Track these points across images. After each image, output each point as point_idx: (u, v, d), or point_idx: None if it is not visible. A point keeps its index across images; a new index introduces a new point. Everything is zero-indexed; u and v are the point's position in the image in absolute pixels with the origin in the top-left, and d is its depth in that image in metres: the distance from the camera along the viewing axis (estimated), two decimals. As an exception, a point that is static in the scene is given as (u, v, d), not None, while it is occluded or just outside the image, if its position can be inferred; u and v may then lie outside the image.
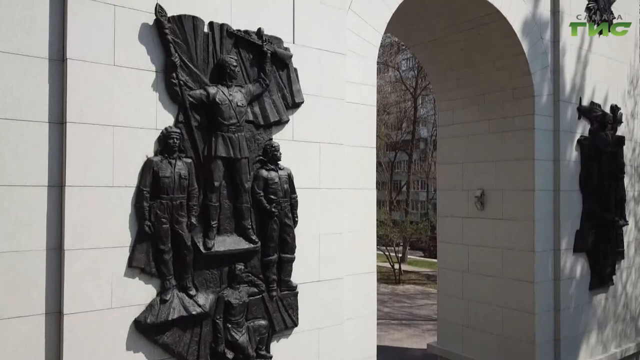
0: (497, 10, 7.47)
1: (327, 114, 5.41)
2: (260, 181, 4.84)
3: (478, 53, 8.39)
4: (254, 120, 4.85)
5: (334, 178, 5.46)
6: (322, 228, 5.34)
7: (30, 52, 3.84)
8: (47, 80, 3.90)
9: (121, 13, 4.12)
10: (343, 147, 5.56)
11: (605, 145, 8.81)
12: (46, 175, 3.88)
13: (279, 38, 5.01)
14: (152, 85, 4.28)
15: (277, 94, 5.01)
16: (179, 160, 4.34)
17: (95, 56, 4.01)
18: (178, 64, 4.31)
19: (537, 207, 8.03)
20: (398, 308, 16.72)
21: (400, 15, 6.29)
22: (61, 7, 3.94)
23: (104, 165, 4.03)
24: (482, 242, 8.79)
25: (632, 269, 9.74)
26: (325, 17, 5.38)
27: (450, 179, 9.40)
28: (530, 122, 8.07)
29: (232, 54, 4.70)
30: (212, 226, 4.50)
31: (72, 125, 3.90)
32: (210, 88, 4.52)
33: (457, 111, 9.24)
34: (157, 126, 4.30)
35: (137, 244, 4.15)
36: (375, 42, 5.97)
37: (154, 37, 4.28)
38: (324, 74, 5.38)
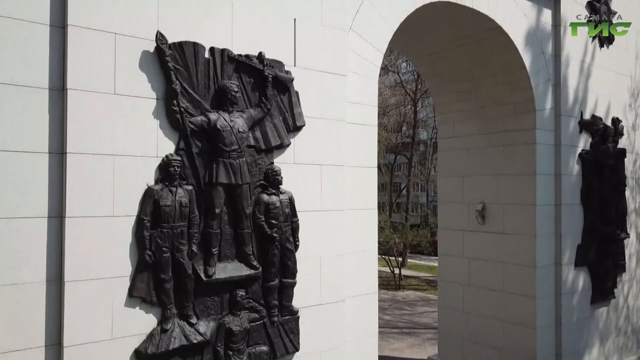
0: (499, 26, 7.45)
1: (329, 136, 5.38)
2: (262, 206, 4.81)
3: (479, 67, 8.37)
4: (256, 144, 4.82)
5: (335, 200, 5.43)
6: (323, 251, 5.32)
7: (30, 83, 3.82)
8: (47, 110, 3.87)
9: (122, 41, 4.10)
10: (344, 169, 5.53)
11: (607, 158, 8.79)
12: (46, 207, 3.85)
13: (280, 61, 4.98)
14: (153, 113, 4.26)
15: (279, 117, 4.98)
16: (180, 187, 4.31)
17: (96, 85, 3.98)
18: (179, 91, 4.28)
19: (538, 222, 8.01)
20: (398, 316, 16.67)
21: (401, 30, 6.25)
22: (61, 37, 3.91)
23: (104, 195, 4.00)
24: (483, 256, 8.77)
25: (633, 281, 9.72)
26: (326, 38, 5.35)
27: (451, 191, 9.38)
28: (532, 136, 8.05)
29: (233, 79, 4.67)
30: (212, 253, 4.47)
31: (72, 155, 3.87)
32: (211, 114, 4.49)
33: (458, 124, 9.22)
34: (157, 154, 4.28)
35: (138, 273, 4.13)
36: (376, 62, 5.95)
37: (155, 64, 4.26)
38: (325, 95, 5.35)
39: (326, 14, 5.35)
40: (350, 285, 5.62)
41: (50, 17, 3.88)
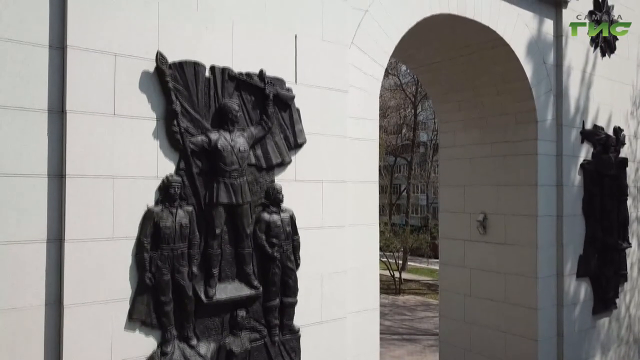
0: (500, 37, 7.41)
1: (330, 152, 5.35)
2: (262, 224, 4.78)
3: (480, 77, 8.34)
4: (256, 163, 4.79)
5: (336, 216, 5.40)
6: (325, 268, 5.29)
7: (29, 105, 3.78)
8: (46, 132, 3.83)
9: (121, 61, 4.06)
10: (346, 184, 5.50)
11: (608, 168, 8.76)
12: (45, 230, 3.82)
13: (281, 79, 4.94)
14: (153, 134, 4.22)
15: (280, 135, 4.95)
16: (180, 208, 4.27)
17: (96, 107, 3.94)
18: (179, 111, 4.25)
19: (540, 233, 7.98)
20: (399, 321, 16.66)
21: (402, 39, 6.22)
22: (60, 58, 3.87)
23: (104, 218, 3.97)
24: (485, 266, 8.74)
25: (635, 290, 9.69)
26: (327, 54, 5.32)
27: (452, 200, 9.34)
28: (533, 147, 8.02)
29: (234, 98, 4.63)
30: (213, 274, 4.44)
31: (71, 178, 3.84)
32: (212, 134, 4.45)
33: (459, 133, 9.19)
34: (158, 175, 4.24)
35: (138, 295, 4.09)
36: (378, 76, 5.91)
37: (155, 84, 4.22)
38: (326, 111, 5.32)
39: (327, 30, 5.32)
40: (351, 302, 5.58)
41: (49, 38, 3.85)
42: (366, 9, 5.81)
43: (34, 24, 3.79)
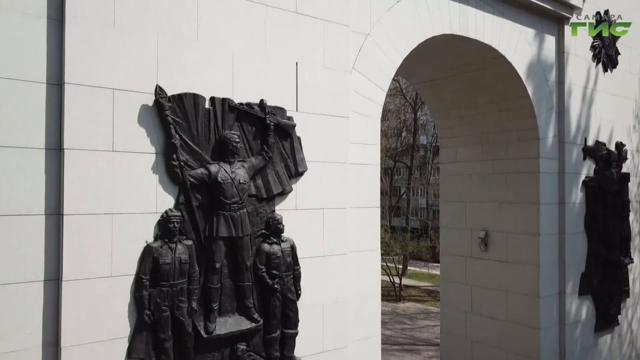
0: (502, 55, 7.36)
1: (331, 179, 5.29)
2: (263, 256, 4.72)
3: (481, 94, 8.29)
4: (257, 193, 4.73)
5: (338, 244, 5.34)
6: (326, 297, 5.23)
7: (26, 144, 3.72)
8: (43, 171, 3.77)
9: (120, 96, 4.00)
10: (347, 211, 5.44)
11: (610, 184, 8.71)
12: (42, 270, 3.76)
13: (282, 108, 4.89)
14: (152, 168, 4.16)
15: (281, 164, 4.89)
16: (180, 243, 4.21)
17: (94, 143, 3.88)
18: (178, 145, 4.19)
19: (542, 251, 7.93)
20: (399, 330, 16.59)
21: (404, 59, 6.17)
22: (58, 95, 3.81)
23: (102, 256, 3.91)
24: (486, 284, 8.68)
25: (637, 306, 9.65)
26: (328, 80, 5.26)
27: (453, 216, 9.29)
28: (535, 165, 7.97)
29: (234, 128, 4.58)
30: (213, 309, 4.38)
31: (69, 217, 3.78)
32: (212, 166, 4.39)
33: (460, 149, 9.13)
34: (157, 209, 4.18)
35: (137, 333, 4.03)
36: (379, 101, 5.86)
37: (154, 117, 4.16)
38: (328, 138, 5.26)
39: (328, 56, 5.26)
40: (352, 329, 5.53)
41: (46, 75, 3.79)
42: (367, 33, 5.75)
43: (32, 61, 3.74)
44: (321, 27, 5.20)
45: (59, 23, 3.83)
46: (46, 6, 3.79)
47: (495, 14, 7.20)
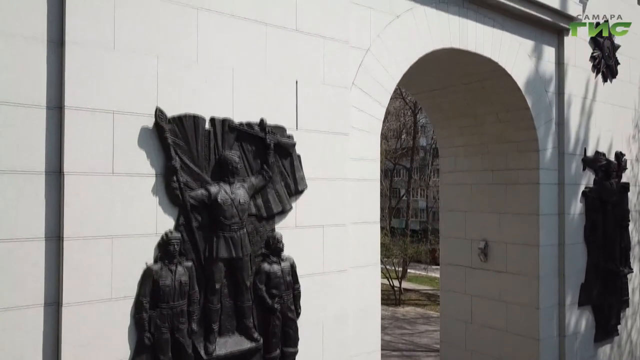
0: (502, 68, 7.36)
1: (331, 196, 5.29)
2: (263, 276, 4.72)
3: (481, 105, 8.30)
4: (257, 213, 4.73)
5: (338, 261, 5.34)
6: (326, 314, 5.23)
7: (26, 168, 3.71)
8: (43, 195, 3.77)
9: (120, 119, 4.00)
10: (347, 227, 5.44)
11: (610, 195, 8.72)
12: (42, 295, 3.75)
13: (282, 127, 4.88)
14: (152, 190, 4.16)
15: (280, 183, 4.89)
16: (180, 265, 4.21)
17: (94, 167, 3.88)
18: (178, 167, 4.19)
19: (542, 263, 7.94)
20: (398, 336, 16.60)
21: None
22: (58, 118, 3.81)
23: (102, 279, 3.91)
24: (486, 294, 8.68)
25: (636, 315, 9.65)
26: (328, 98, 5.26)
27: (453, 226, 9.29)
28: (535, 176, 7.97)
29: (234, 148, 4.58)
30: (213, 329, 4.38)
31: (69, 241, 3.77)
32: (212, 187, 4.39)
33: (460, 158, 9.14)
34: (157, 231, 4.18)
35: (136, 356, 4.03)
36: (379, 116, 5.86)
37: (154, 139, 4.16)
38: (328, 156, 5.26)
39: (328, 73, 5.26)
40: (352, 344, 5.53)
41: (46, 99, 3.79)
42: (367, 48, 5.75)
43: (31, 85, 3.73)
44: (321, 44, 5.21)
45: (59, 46, 3.83)
46: (46, 30, 3.78)
47: (495, 26, 7.20)
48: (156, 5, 4.18)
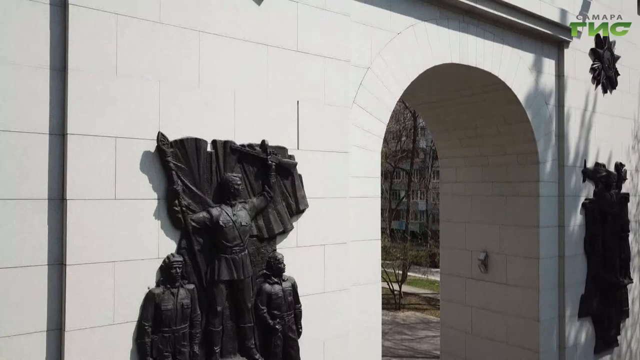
0: (502, 81, 7.38)
1: (332, 215, 5.31)
2: (264, 296, 4.74)
3: (481, 117, 8.32)
4: (258, 234, 4.75)
5: (339, 279, 5.36)
6: (326, 333, 5.25)
7: (29, 195, 3.73)
8: (46, 221, 3.79)
9: (122, 144, 4.02)
10: (348, 245, 5.46)
11: (610, 206, 8.74)
12: (45, 320, 3.77)
13: (284, 147, 4.90)
14: (154, 214, 4.18)
15: (282, 203, 4.91)
16: (182, 288, 4.23)
17: (96, 193, 3.90)
18: (180, 191, 4.21)
19: (542, 275, 7.96)
20: (399, 341, 16.62)
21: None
22: (61, 146, 3.83)
23: (105, 304, 3.92)
24: (486, 305, 8.70)
25: (636, 325, 9.67)
26: (329, 117, 5.27)
27: (454, 237, 9.31)
28: (535, 189, 7.99)
29: (236, 170, 4.59)
30: (215, 351, 4.39)
31: (71, 267, 3.79)
32: (214, 210, 4.41)
33: (461, 169, 9.16)
34: (159, 255, 4.20)
35: (139, 380, 4.05)
36: (379, 134, 5.87)
37: (156, 164, 4.18)
38: (328, 174, 5.28)
39: (329, 92, 5.28)
40: (353, 362, 5.55)
41: (49, 126, 3.80)
42: (368, 66, 5.77)
43: (34, 113, 3.75)
44: (322, 64, 5.22)
45: (62, 73, 3.84)
46: (49, 57, 3.80)
47: (496, 40, 7.22)
48: (158, 30, 4.20)
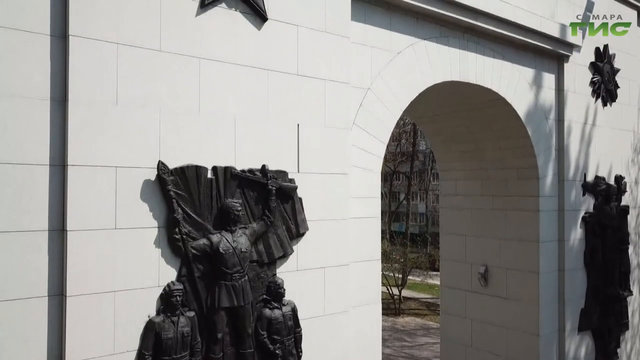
0: (502, 97, 7.39)
1: (332, 237, 5.31)
2: (264, 321, 4.74)
3: (481, 131, 8.32)
4: (258, 259, 4.74)
5: (339, 301, 5.36)
6: (327, 355, 5.24)
7: (29, 227, 3.73)
8: (46, 253, 3.79)
9: (123, 174, 4.02)
10: (348, 267, 5.46)
11: (610, 219, 8.74)
12: (45, 352, 3.77)
13: (284, 171, 4.90)
14: (155, 242, 4.17)
15: (282, 227, 4.91)
16: (182, 316, 4.23)
17: (97, 224, 3.89)
18: (181, 219, 4.21)
19: (542, 290, 7.96)
20: (399, 349, 16.62)
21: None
22: (61, 177, 3.83)
23: (105, 334, 3.92)
24: (486, 319, 8.71)
25: (636, 337, 9.67)
26: (329, 139, 5.27)
27: (454, 249, 9.32)
28: (535, 204, 8.00)
29: (236, 195, 4.59)
30: (215, 379, 4.40)
31: (72, 298, 3.79)
32: (214, 236, 4.41)
33: (460, 182, 9.16)
34: (159, 283, 4.20)
35: (139, 409, 4.05)
36: (379, 154, 5.87)
37: (156, 192, 4.17)
38: (328, 197, 5.28)
39: (329, 115, 5.28)
40: (353, 383, 5.55)
41: (49, 157, 3.80)
42: (368, 87, 5.78)
43: (35, 145, 3.75)
44: (322, 87, 5.22)
45: (62, 104, 3.84)
46: (49, 88, 3.80)
47: (496, 57, 7.22)
48: (159, 58, 4.20)
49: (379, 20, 5.89)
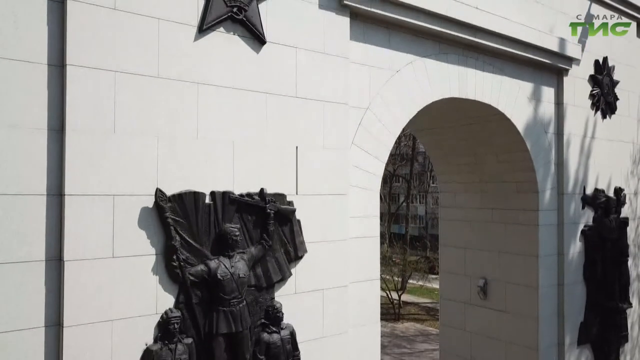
0: (501, 112, 7.37)
1: (331, 259, 5.29)
2: (262, 346, 4.72)
3: (480, 145, 8.31)
4: (256, 283, 4.73)
5: (337, 323, 5.34)
6: (325, 377, 5.23)
7: (27, 257, 3.71)
8: (43, 283, 3.77)
9: (120, 202, 4.00)
10: (347, 288, 5.44)
11: (610, 232, 8.73)
12: (42, 384, 3.76)
13: (282, 194, 4.89)
14: (152, 269, 4.16)
15: (280, 250, 4.89)
16: (180, 343, 4.21)
17: (94, 253, 3.88)
18: (179, 246, 4.19)
19: (541, 304, 7.94)
20: (398, 356, 16.61)
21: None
22: (58, 207, 3.81)
23: (102, 364, 3.91)
24: (485, 332, 8.69)
25: (635, 349, 9.66)
26: (328, 161, 5.26)
27: (453, 262, 9.30)
28: (534, 218, 7.98)
29: (234, 220, 4.58)
30: (213, 406, 4.38)
31: (69, 329, 3.77)
32: (212, 262, 4.39)
33: (460, 195, 9.15)
34: (157, 310, 4.18)
35: None
36: (378, 173, 5.86)
37: (154, 219, 4.16)
38: (327, 218, 5.26)
39: (328, 136, 5.27)
40: (352, 404, 5.53)
41: (47, 187, 3.79)
42: (367, 107, 5.76)
43: (32, 175, 3.73)
44: (321, 109, 5.21)
45: (59, 134, 3.82)
46: (46, 118, 3.78)
47: (495, 72, 7.21)
48: (156, 85, 4.18)
49: (377, 39, 5.88)
